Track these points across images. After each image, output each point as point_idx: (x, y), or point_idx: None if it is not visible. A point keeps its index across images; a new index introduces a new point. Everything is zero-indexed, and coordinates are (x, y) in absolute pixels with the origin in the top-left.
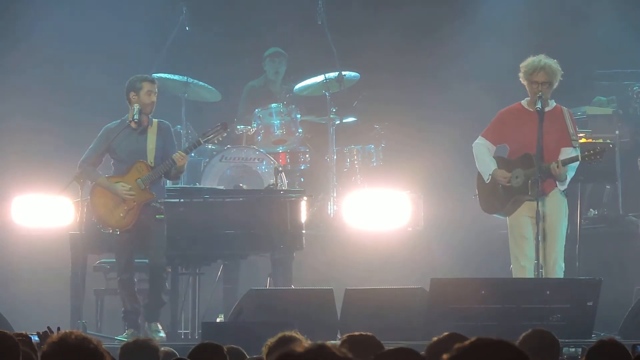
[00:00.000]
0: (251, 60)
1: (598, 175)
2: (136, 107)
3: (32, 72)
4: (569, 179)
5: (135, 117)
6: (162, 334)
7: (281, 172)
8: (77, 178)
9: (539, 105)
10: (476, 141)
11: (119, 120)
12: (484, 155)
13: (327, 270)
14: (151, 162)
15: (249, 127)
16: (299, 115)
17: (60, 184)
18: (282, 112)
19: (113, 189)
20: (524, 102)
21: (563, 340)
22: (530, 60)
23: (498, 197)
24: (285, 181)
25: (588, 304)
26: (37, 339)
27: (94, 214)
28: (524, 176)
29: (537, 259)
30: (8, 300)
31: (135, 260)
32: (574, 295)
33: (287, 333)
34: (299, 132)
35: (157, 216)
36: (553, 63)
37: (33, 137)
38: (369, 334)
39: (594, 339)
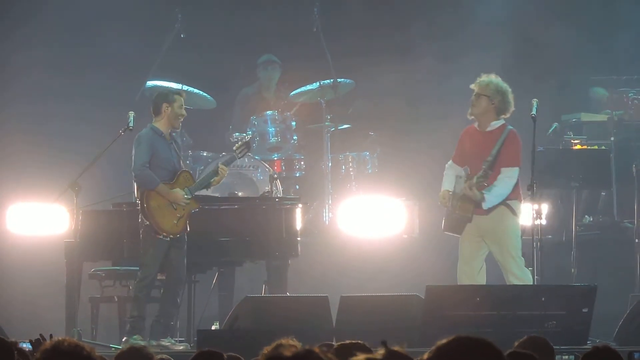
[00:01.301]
0: (246, 67)
1: (593, 182)
2: (131, 114)
3: (26, 80)
4: (491, 201)
5: (130, 125)
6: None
7: (276, 179)
8: (73, 186)
9: (533, 112)
10: (447, 164)
11: (147, 128)
12: (445, 177)
13: (322, 278)
14: None
15: (244, 134)
16: (294, 123)
17: (55, 192)
18: (277, 119)
19: (172, 196)
20: (476, 123)
21: (558, 347)
22: None
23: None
24: (281, 188)
25: (583, 310)
26: (29, 346)
27: (147, 218)
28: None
29: (534, 266)
30: (3, 308)
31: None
32: (569, 302)
33: (284, 340)
34: (294, 140)
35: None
36: (492, 80)
37: (27, 146)
38: (359, 342)
39: (589, 345)
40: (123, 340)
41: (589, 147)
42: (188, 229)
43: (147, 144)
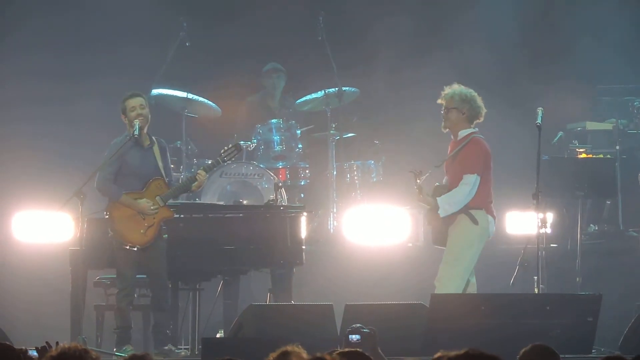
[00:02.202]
0: (251, 76)
1: (598, 191)
2: (136, 122)
3: (32, 89)
4: (445, 209)
5: (135, 133)
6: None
7: (281, 187)
8: (78, 194)
9: (538, 121)
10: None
11: (122, 136)
12: None
13: (327, 286)
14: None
15: (249, 142)
16: (298, 131)
17: (60, 200)
18: (282, 127)
19: (137, 206)
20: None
21: (563, 356)
22: None
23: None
24: (285, 197)
25: (588, 319)
26: (35, 353)
27: (112, 230)
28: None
29: (539, 275)
30: (8, 315)
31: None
32: (574, 311)
33: (289, 347)
34: (299, 148)
35: (164, 235)
36: (456, 90)
37: (33, 154)
38: (359, 350)
39: (594, 354)
40: (114, 350)
41: (594, 156)
42: (165, 236)
43: (112, 153)
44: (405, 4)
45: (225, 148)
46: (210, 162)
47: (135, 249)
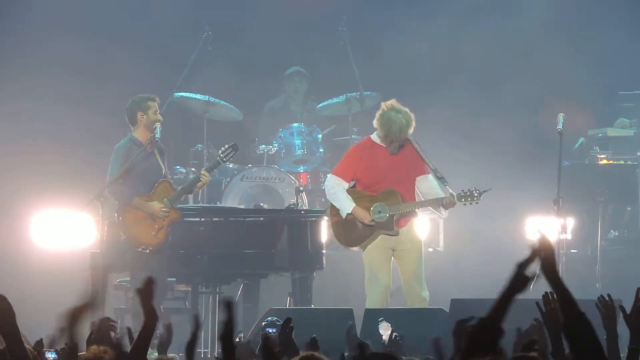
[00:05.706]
0: (273, 79)
1: (619, 197)
2: (158, 126)
3: (53, 88)
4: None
5: (157, 137)
6: None
7: (302, 191)
8: (99, 197)
9: (559, 127)
10: (329, 182)
11: (126, 139)
12: (341, 193)
13: (347, 290)
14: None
15: (270, 146)
16: (320, 135)
17: (80, 202)
18: (304, 131)
19: (149, 209)
20: (373, 137)
21: None
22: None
23: (357, 231)
24: (306, 201)
25: None
26: (55, 355)
27: (124, 233)
28: (387, 212)
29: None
30: (27, 318)
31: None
32: (593, 316)
33: (309, 352)
34: (320, 152)
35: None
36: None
37: (53, 156)
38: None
39: None
40: None
41: (615, 162)
42: (170, 238)
43: (121, 158)
44: (428, 9)
45: (223, 149)
46: (210, 163)
47: (147, 250)
